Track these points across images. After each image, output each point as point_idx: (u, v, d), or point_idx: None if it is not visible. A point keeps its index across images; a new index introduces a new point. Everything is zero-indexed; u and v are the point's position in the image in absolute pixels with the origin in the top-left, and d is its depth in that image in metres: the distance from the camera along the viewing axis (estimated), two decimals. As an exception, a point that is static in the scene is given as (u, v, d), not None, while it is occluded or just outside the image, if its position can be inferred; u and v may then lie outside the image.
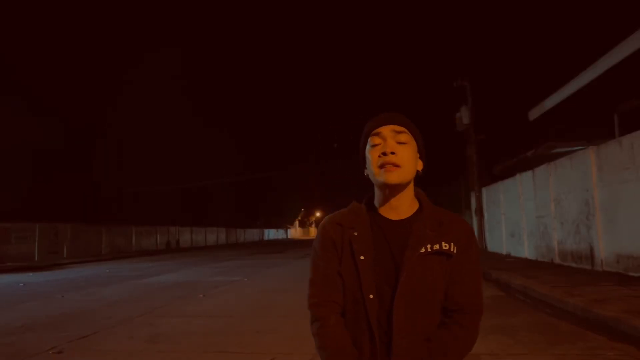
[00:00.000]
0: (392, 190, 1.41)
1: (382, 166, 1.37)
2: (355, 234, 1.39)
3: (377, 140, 1.42)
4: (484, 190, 20.99)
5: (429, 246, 1.36)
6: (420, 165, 1.46)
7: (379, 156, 1.39)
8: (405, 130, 1.43)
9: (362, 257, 1.37)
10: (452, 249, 1.38)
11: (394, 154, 1.37)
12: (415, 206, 1.47)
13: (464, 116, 22.07)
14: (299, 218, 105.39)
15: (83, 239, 29.18)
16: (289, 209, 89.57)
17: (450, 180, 28.29)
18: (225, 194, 57.37)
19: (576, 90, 13.41)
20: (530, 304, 7.62)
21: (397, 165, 1.36)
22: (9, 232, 23.56)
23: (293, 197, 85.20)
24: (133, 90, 36.93)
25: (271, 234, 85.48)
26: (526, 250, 15.55)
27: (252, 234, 70.45)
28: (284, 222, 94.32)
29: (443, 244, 1.37)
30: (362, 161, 1.50)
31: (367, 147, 1.45)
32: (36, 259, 24.66)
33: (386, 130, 1.41)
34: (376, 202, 1.48)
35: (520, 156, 17.58)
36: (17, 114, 28.01)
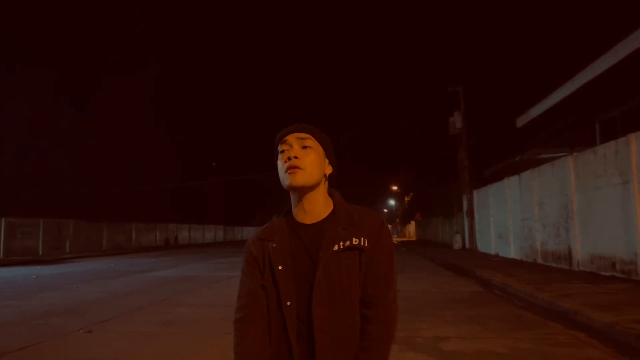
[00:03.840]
0: (300, 193, 1.47)
1: (286, 170, 1.43)
2: (274, 245, 1.47)
3: (284, 147, 1.48)
4: (475, 193, 21.78)
5: (341, 243, 1.42)
6: (329, 170, 1.53)
7: (285, 161, 1.45)
8: (310, 136, 1.48)
9: (280, 267, 1.43)
10: (362, 243, 1.43)
11: (297, 158, 1.43)
12: (329, 208, 1.52)
13: (456, 121, 22.90)
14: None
15: (85, 234, 29.94)
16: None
17: (443, 183, 29.08)
18: (223, 193, 58.08)
19: (560, 100, 14.22)
20: (505, 299, 8.40)
21: (299, 168, 1.42)
22: (14, 227, 24.28)
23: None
24: (133, 88, 37.62)
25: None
26: (512, 251, 16.35)
27: (249, 232, 71.16)
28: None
29: (353, 239, 1.43)
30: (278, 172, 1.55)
31: (278, 156, 1.51)
32: (40, 253, 25.40)
33: (291, 137, 1.48)
34: (293, 209, 1.55)
35: (508, 161, 18.38)
36: (16, 113, 28.68)
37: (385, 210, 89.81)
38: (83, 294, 9.45)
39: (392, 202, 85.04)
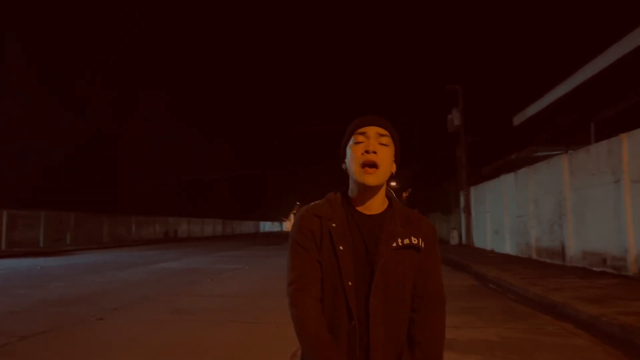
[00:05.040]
0: (368, 189, 1.50)
1: (363, 165, 1.46)
2: (334, 225, 1.48)
3: (361, 138, 1.49)
4: (472, 189, 22.10)
5: (399, 240, 1.47)
6: (394, 168, 1.55)
7: (362, 154, 1.47)
8: (388, 134, 1.52)
9: (340, 247, 1.45)
10: (420, 244, 1.50)
11: (375, 154, 1.45)
12: (385, 203, 1.57)
13: (455, 118, 23.17)
14: (294, 211, 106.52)
15: (85, 227, 30.21)
16: (284, 202, 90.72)
17: (442, 179, 29.38)
18: (223, 187, 58.35)
19: (555, 100, 14.52)
20: (499, 292, 8.73)
21: (376, 166, 1.45)
22: (16, 218, 24.53)
23: (289, 191, 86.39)
24: (135, 83, 37.86)
25: (266, 226, 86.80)
26: (508, 247, 16.67)
27: (247, 226, 71.64)
28: (279, 215, 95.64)
29: (412, 238, 1.49)
30: (342, 155, 1.58)
31: (351, 143, 1.52)
32: (41, 245, 25.67)
33: (371, 130, 1.50)
34: (351, 195, 1.56)
35: (505, 158, 18.68)
36: (16, 110, 28.86)
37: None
38: (92, 284, 9.75)
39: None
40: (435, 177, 31.27)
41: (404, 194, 46.61)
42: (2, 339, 5.13)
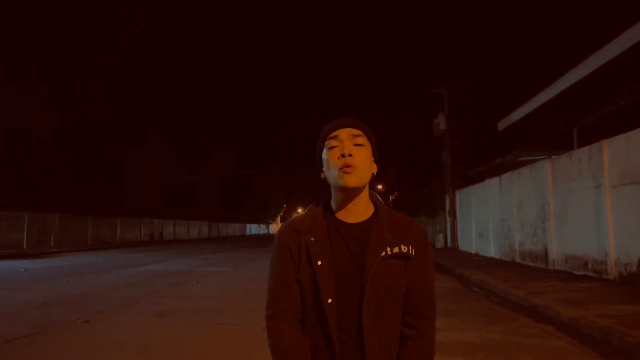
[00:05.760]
0: (349, 193, 1.43)
1: (341, 169, 1.38)
2: (312, 239, 1.41)
3: (334, 142, 1.43)
4: (458, 193, 22.30)
5: (388, 249, 1.39)
6: (374, 168, 1.48)
7: (338, 158, 1.40)
8: (361, 133, 1.45)
9: (319, 263, 1.37)
10: (410, 252, 1.42)
11: (351, 156, 1.38)
12: (370, 209, 1.49)
13: (441, 122, 23.40)
14: (281, 214, 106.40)
15: (70, 228, 29.91)
16: (271, 205, 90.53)
17: (427, 182, 29.64)
18: (209, 189, 58.12)
19: (538, 106, 14.76)
20: (482, 295, 8.85)
21: (354, 167, 1.37)
22: (-1, 220, 24.28)
23: (276, 193, 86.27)
24: (124, 80, 37.63)
25: (253, 228, 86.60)
26: (492, 250, 16.86)
27: (234, 229, 71.50)
28: (265, 218, 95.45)
29: (402, 246, 1.41)
30: (319, 164, 1.52)
31: (325, 149, 1.46)
32: (25, 247, 25.36)
33: (343, 133, 1.43)
34: (333, 205, 1.49)
35: (490, 162, 18.91)
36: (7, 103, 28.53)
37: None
38: (76, 287, 9.70)
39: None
40: (421, 180, 31.56)
41: (391, 197, 46.86)
42: (-14, 342, 5.11)
